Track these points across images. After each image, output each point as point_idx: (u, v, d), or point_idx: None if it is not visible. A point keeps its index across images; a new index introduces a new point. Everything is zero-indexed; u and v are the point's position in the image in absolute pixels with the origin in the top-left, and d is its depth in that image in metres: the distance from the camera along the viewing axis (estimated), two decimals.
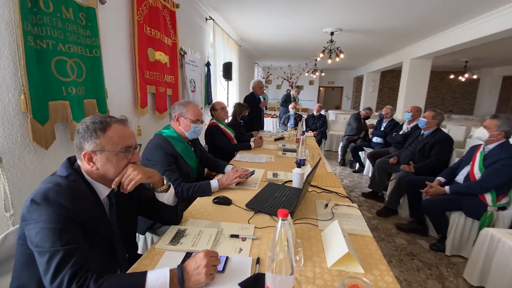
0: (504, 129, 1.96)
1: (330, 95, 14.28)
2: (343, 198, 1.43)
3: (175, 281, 0.70)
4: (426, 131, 2.79)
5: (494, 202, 1.93)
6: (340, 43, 5.89)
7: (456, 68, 9.56)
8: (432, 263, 2.04)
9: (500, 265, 1.60)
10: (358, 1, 3.52)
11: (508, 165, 1.90)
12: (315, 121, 5.32)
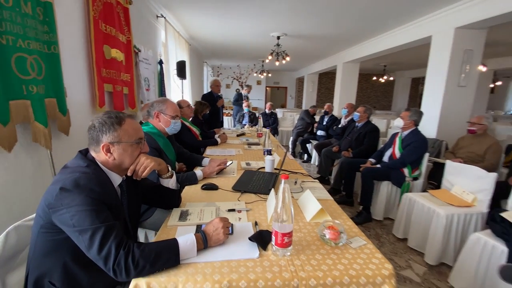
0: (414, 119, 2.62)
1: (276, 95, 15.15)
2: (306, 176, 1.76)
3: (200, 242, 0.88)
4: (359, 123, 3.41)
5: (410, 173, 2.57)
6: (286, 47, 6.44)
7: (378, 71, 11.36)
8: (371, 226, 2.59)
9: (416, 219, 2.19)
10: (300, 10, 3.99)
11: (418, 146, 2.55)
12: (268, 119, 5.73)
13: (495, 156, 2.60)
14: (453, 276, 1.76)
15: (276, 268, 0.83)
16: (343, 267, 0.84)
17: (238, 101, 6.11)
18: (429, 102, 4.20)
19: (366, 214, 2.70)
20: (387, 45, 5.39)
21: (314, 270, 0.82)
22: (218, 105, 4.38)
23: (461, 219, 1.92)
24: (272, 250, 0.91)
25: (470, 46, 3.83)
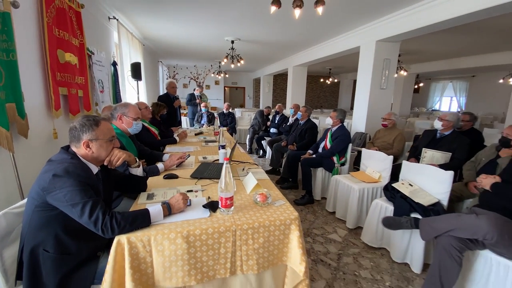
0: (340, 117, 3.24)
1: (234, 94, 15.52)
2: (252, 165, 2.17)
3: (165, 209, 1.21)
4: (302, 121, 3.99)
5: (338, 160, 3.19)
6: (240, 50, 6.86)
7: (324, 73, 12.53)
8: (309, 206, 3.14)
9: (340, 195, 2.78)
10: (250, 19, 4.41)
11: (343, 139, 3.18)
12: (226, 118, 6.07)
13: (401, 144, 3.37)
14: (363, 234, 2.36)
15: (221, 221, 1.21)
16: (266, 216, 1.26)
17: (191, 101, 6.28)
18: (359, 102, 5.02)
19: (308, 197, 3.24)
20: (327, 52, 6.18)
21: (247, 219, 1.23)
22: (175, 105, 4.57)
23: (370, 192, 2.55)
24: (219, 212, 1.29)
25: (388, 56, 4.71)
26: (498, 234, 1.35)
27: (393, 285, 1.84)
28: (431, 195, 2.07)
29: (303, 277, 1.24)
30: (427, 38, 5.64)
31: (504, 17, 3.77)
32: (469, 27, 4.56)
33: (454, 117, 2.78)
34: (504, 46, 6.29)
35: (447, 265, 1.50)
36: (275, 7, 2.41)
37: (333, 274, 1.94)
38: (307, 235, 2.47)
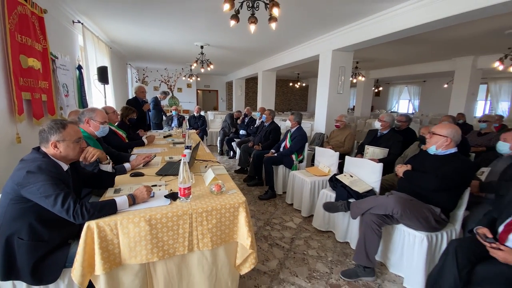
0: (297, 120, 3.61)
1: (207, 97, 15.59)
2: (214, 163, 2.42)
3: (130, 199, 1.41)
4: (266, 123, 4.32)
5: (297, 158, 3.55)
6: (210, 55, 7.06)
7: (293, 78, 13.14)
8: (271, 200, 3.45)
9: (297, 189, 3.12)
10: (217, 27, 4.66)
11: (300, 139, 3.54)
12: (196, 121, 6.23)
13: (350, 142, 3.83)
14: (314, 220, 2.72)
15: (180, 207, 1.44)
16: (219, 202, 1.52)
17: (158, 106, 6.30)
18: (319, 105, 5.50)
19: (271, 192, 3.55)
20: (292, 59, 6.63)
21: (202, 205, 1.48)
22: (144, 109, 4.65)
23: (320, 184, 2.92)
24: (179, 200, 1.52)
25: (343, 64, 5.23)
26: (401, 209, 1.75)
27: (334, 260, 2.19)
28: (367, 183, 2.47)
29: (250, 250, 1.52)
30: (381, 48, 6.32)
31: (443, 31, 4.44)
32: (414, 39, 5.24)
33: (390, 118, 3.27)
34: (446, 56, 7.23)
35: (370, 237, 1.87)
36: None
37: (285, 254, 2.25)
38: (267, 224, 2.77)
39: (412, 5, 3.30)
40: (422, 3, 3.18)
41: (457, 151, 1.88)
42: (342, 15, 4.01)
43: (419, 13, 3.25)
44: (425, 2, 3.14)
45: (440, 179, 1.76)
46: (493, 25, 4.20)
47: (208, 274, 1.52)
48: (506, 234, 1.37)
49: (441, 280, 1.36)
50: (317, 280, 1.93)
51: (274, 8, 2.37)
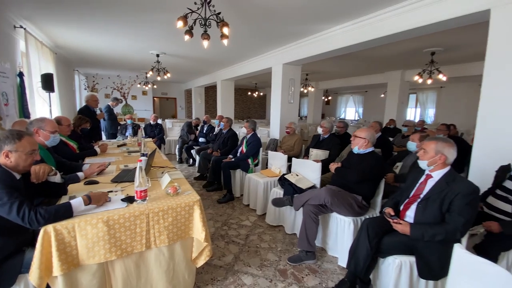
0: (251, 127, 3.92)
1: (165, 105, 15.19)
2: (171, 168, 2.55)
3: (86, 200, 1.49)
4: (224, 130, 4.55)
5: (252, 162, 3.83)
6: (166, 64, 7.06)
7: (251, 87, 13.66)
8: (230, 203, 3.66)
9: (252, 190, 3.39)
10: (172, 37, 4.77)
11: (255, 145, 3.84)
12: (153, 129, 6.14)
13: (299, 146, 4.27)
14: (267, 217, 3.01)
15: (137, 207, 1.57)
16: (175, 202, 1.69)
17: (112, 115, 6.09)
18: (274, 113, 5.93)
19: (229, 195, 3.76)
20: (248, 70, 7.01)
21: (158, 205, 1.63)
22: (98, 118, 4.50)
23: (272, 183, 3.24)
24: (136, 203, 1.64)
25: (293, 76, 5.76)
26: (331, 198, 2.12)
27: (283, 249, 2.49)
28: (309, 181, 2.84)
29: (205, 242, 1.71)
30: (326, 62, 7.07)
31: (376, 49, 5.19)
32: (352, 55, 6.02)
33: (329, 125, 3.78)
34: (379, 70, 8.38)
35: (309, 225, 2.21)
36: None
37: (240, 249, 2.47)
38: (225, 225, 2.96)
39: (346, 27, 3.90)
40: (354, 27, 3.78)
41: (373, 150, 2.35)
42: (289, 34, 4.49)
43: (352, 34, 3.85)
44: (356, 26, 3.74)
45: (360, 173, 2.20)
46: (414, 45, 5.11)
47: (166, 268, 1.67)
48: (404, 211, 1.81)
49: (357, 250, 1.73)
50: (267, 268, 2.19)
51: (224, 27, 2.65)
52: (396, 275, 1.60)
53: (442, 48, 5.15)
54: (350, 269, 1.79)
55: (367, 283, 1.78)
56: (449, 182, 1.59)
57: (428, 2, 2.83)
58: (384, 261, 1.72)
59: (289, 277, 2.08)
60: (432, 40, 4.77)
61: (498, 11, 2.37)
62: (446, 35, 4.22)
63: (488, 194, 2.07)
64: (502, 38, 2.36)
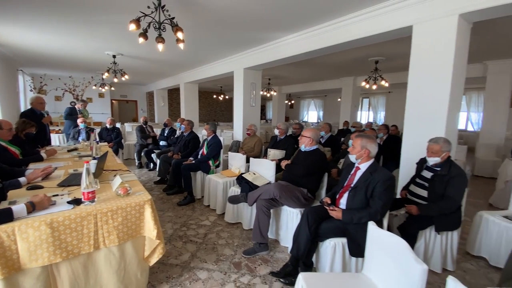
0: (212, 129, 4.01)
1: (125, 108, 14.45)
2: (125, 171, 2.53)
3: (28, 206, 1.46)
4: (186, 133, 4.56)
5: (213, 163, 3.91)
6: (124, 65, 6.80)
7: (217, 90, 13.69)
8: (190, 205, 3.69)
9: (212, 190, 3.47)
10: (128, 38, 4.68)
11: (216, 146, 3.93)
12: (110, 133, 5.86)
13: (259, 147, 4.46)
14: (226, 215, 3.11)
15: (84, 209, 1.58)
16: (125, 202, 1.71)
17: (72, 115, 5.72)
18: (237, 116, 6.09)
19: (190, 197, 3.78)
20: (211, 73, 7.08)
21: (107, 205, 1.64)
22: (44, 122, 4.19)
23: (231, 183, 3.36)
24: (83, 204, 1.64)
25: (254, 80, 5.98)
26: (279, 192, 2.32)
27: (239, 244, 2.61)
28: (266, 178, 3.02)
29: (157, 240, 1.76)
30: (285, 68, 7.45)
31: (329, 56, 5.62)
32: (308, 62, 6.45)
33: (285, 126, 4.04)
34: (335, 76, 9.04)
35: (262, 218, 2.37)
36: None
37: (198, 247, 2.54)
38: (183, 226, 3.00)
39: (298, 37, 4.22)
40: (305, 36, 4.10)
41: (317, 147, 2.62)
42: (248, 40, 4.69)
43: (305, 43, 4.17)
44: (308, 35, 4.06)
45: (305, 168, 2.43)
46: (361, 54, 5.66)
47: (116, 268, 1.68)
48: (339, 200, 2.06)
49: (299, 237, 1.93)
50: (223, 262, 2.30)
51: (179, 32, 2.72)
52: (331, 255, 1.83)
53: (384, 57, 5.81)
54: (293, 254, 1.98)
55: (310, 265, 1.99)
56: (372, 172, 1.87)
57: (364, 18, 3.24)
58: (323, 244, 1.95)
59: (243, 268, 2.22)
60: (376, 50, 5.36)
61: (419, 27, 2.82)
62: (386, 46, 4.79)
63: (410, 183, 2.45)
64: (422, 50, 2.81)
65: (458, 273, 2.27)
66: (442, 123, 2.64)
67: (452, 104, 2.67)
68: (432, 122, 2.70)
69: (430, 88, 2.72)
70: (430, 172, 2.26)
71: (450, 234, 2.21)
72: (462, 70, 2.79)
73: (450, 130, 2.72)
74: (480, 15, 2.55)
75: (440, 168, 2.17)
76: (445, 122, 2.63)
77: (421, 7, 2.74)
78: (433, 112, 2.70)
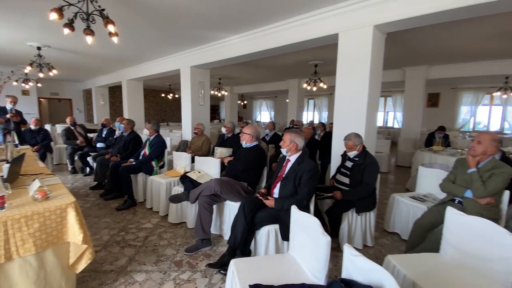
0: (154, 128, 3.85)
1: (58, 108, 12.72)
2: (48, 175, 2.28)
3: None
4: (125, 133, 4.28)
5: (157, 164, 3.77)
6: (53, 58, 6.04)
7: (165, 89, 13.10)
8: (131, 208, 3.49)
9: (155, 192, 3.35)
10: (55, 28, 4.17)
11: (159, 146, 3.79)
12: (34, 135, 5.14)
13: (207, 146, 4.45)
14: (169, 216, 3.05)
15: None
16: (42, 206, 1.56)
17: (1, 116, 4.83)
18: (185, 115, 5.96)
19: (131, 200, 3.57)
20: (157, 70, 6.76)
21: (20, 211, 1.48)
22: None
23: (175, 183, 3.29)
24: None
25: (202, 79, 5.92)
26: (220, 187, 2.39)
27: (182, 243, 2.60)
28: (211, 176, 3.05)
29: (84, 245, 1.65)
30: (234, 68, 7.55)
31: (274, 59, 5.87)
32: (255, 63, 6.66)
33: (232, 125, 4.13)
34: (281, 78, 9.50)
35: (204, 214, 2.40)
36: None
37: (136, 251, 2.44)
38: (122, 231, 2.83)
39: (240, 38, 4.35)
40: (247, 38, 4.26)
41: (257, 144, 2.76)
42: (191, 38, 4.64)
43: (247, 44, 4.32)
44: (249, 38, 4.22)
45: (245, 163, 2.55)
46: (302, 58, 6.08)
47: (35, 279, 1.53)
48: (272, 190, 2.22)
49: (236, 227, 2.03)
50: (163, 262, 2.26)
51: (110, 25, 2.57)
52: (266, 241, 1.98)
53: (322, 61, 6.36)
54: (230, 244, 2.07)
55: (248, 254, 2.11)
56: (300, 163, 2.08)
57: (296, 24, 3.53)
58: (258, 232, 2.08)
59: (183, 266, 2.21)
60: (315, 55, 5.84)
61: (343, 35, 3.19)
62: (324, 51, 5.24)
63: (337, 172, 2.77)
64: (346, 56, 3.19)
65: (376, 248, 2.65)
66: (362, 121, 3.05)
67: (371, 105, 3.10)
68: (354, 120, 3.09)
69: (352, 91, 3.12)
70: (351, 162, 2.59)
71: (368, 215, 2.57)
72: (378, 75, 3.26)
73: (370, 127, 3.16)
74: (391, 27, 3.01)
75: (358, 158, 2.51)
76: (365, 120, 3.04)
77: (343, 18, 3.11)
78: (355, 111, 3.10)
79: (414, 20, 2.74)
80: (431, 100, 10.66)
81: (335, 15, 3.17)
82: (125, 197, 3.60)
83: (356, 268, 1.09)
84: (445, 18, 2.69)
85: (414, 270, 1.51)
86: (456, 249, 1.63)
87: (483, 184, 1.92)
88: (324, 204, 2.73)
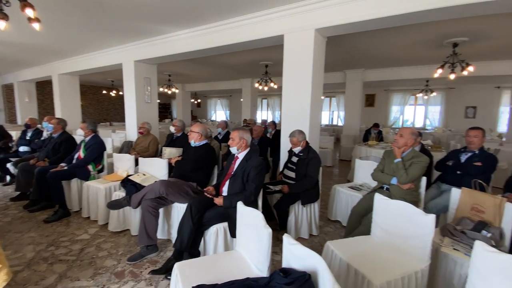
0: (90, 128, 3.46)
1: None
2: None
3: None
4: (55, 134, 3.75)
5: (94, 168, 3.39)
6: None
7: (108, 85, 11.94)
8: (64, 219, 3.08)
9: (92, 199, 3.01)
10: None
11: (97, 148, 3.41)
12: None
13: (154, 147, 4.19)
14: (109, 224, 2.78)
15: None
16: None
17: None
18: (129, 114, 5.51)
19: (63, 210, 3.15)
20: (95, 64, 6.08)
21: None
22: None
23: (115, 188, 3.01)
24: None
25: (148, 75, 5.54)
26: (165, 188, 2.27)
27: (125, 252, 2.39)
28: (156, 178, 2.87)
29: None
30: (185, 64, 7.24)
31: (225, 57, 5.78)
32: (206, 60, 6.49)
33: (181, 124, 3.97)
34: (235, 77, 9.50)
35: (148, 219, 2.25)
36: None
37: (69, 265, 2.16)
38: (51, 245, 2.48)
39: (188, 34, 4.20)
40: (195, 34, 4.12)
41: (207, 142, 2.70)
42: (134, 30, 4.30)
43: (195, 40, 4.18)
44: (197, 34, 4.09)
45: (194, 162, 2.48)
46: (253, 57, 6.15)
47: None
48: (222, 187, 2.21)
49: (182, 229, 1.96)
50: (101, 275, 2.05)
51: (28, 9, 2.21)
52: (214, 240, 1.95)
53: (272, 62, 6.55)
54: (176, 247, 1.99)
55: (197, 255, 2.05)
56: (248, 160, 2.10)
57: (244, 23, 3.57)
58: (207, 232, 2.04)
59: (125, 276, 2.04)
60: (266, 55, 5.98)
61: (288, 36, 3.32)
62: (273, 51, 5.39)
63: (284, 167, 2.89)
64: (291, 57, 3.33)
65: (320, 236, 2.85)
66: (306, 119, 3.23)
67: (314, 104, 3.31)
68: (299, 118, 3.27)
69: (297, 90, 3.28)
70: (296, 157, 2.73)
71: (312, 206, 2.74)
72: (320, 76, 3.49)
73: (313, 125, 3.36)
74: (331, 31, 3.24)
75: (302, 154, 2.66)
76: (309, 118, 3.23)
77: (288, 20, 3.24)
78: (300, 110, 3.27)
79: (351, 26, 3.00)
80: (368, 100, 11.90)
81: (280, 17, 3.28)
82: (56, 207, 3.16)
83: (294, 256, 1.15)
84: (378, 25, 3.00)
85: (348, 253, 1.66)
86: (384, 230, 1.85)
87: (405, 171, 2.21)
88: (273, 198, 2.82)
